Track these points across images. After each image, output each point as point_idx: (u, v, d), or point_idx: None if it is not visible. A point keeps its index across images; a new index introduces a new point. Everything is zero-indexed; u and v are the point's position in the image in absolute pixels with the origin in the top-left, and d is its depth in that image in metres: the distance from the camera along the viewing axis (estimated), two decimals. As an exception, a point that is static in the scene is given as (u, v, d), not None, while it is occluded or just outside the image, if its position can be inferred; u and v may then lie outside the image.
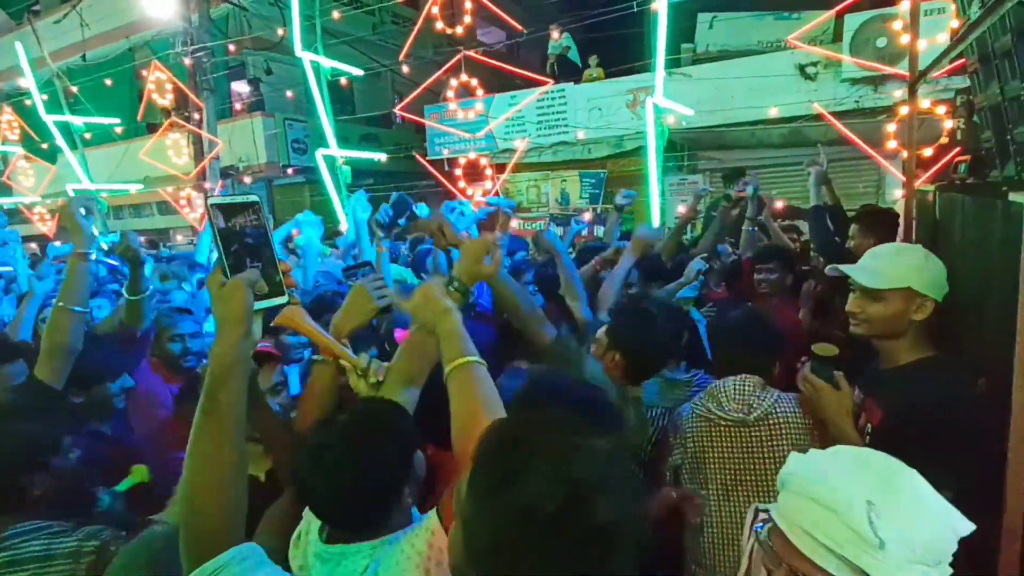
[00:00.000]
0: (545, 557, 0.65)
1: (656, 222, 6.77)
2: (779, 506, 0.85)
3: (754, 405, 1.64)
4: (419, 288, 1.21)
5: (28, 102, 10.08)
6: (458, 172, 8.19)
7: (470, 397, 1.05)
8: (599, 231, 6.47)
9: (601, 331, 1.81)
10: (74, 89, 10.53)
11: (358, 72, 8.28)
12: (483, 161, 8.35)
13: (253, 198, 0.96)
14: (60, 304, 1.83)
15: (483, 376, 1.09)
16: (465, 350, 1.12)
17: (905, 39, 3.10)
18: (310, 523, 1.13)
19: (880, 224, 2.55)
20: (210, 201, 0.92)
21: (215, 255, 0.92)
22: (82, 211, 1.84)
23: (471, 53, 7.58)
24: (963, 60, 3.37)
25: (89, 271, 1.88)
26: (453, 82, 7.89)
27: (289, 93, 10.16)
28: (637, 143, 8.47)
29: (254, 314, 0.90)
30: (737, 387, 1.69)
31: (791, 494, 0.84)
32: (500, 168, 8.54)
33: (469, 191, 8.13)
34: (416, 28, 7.39)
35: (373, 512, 1.06)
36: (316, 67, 7.63)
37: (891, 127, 5.54)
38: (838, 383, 1.48)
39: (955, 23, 4.12)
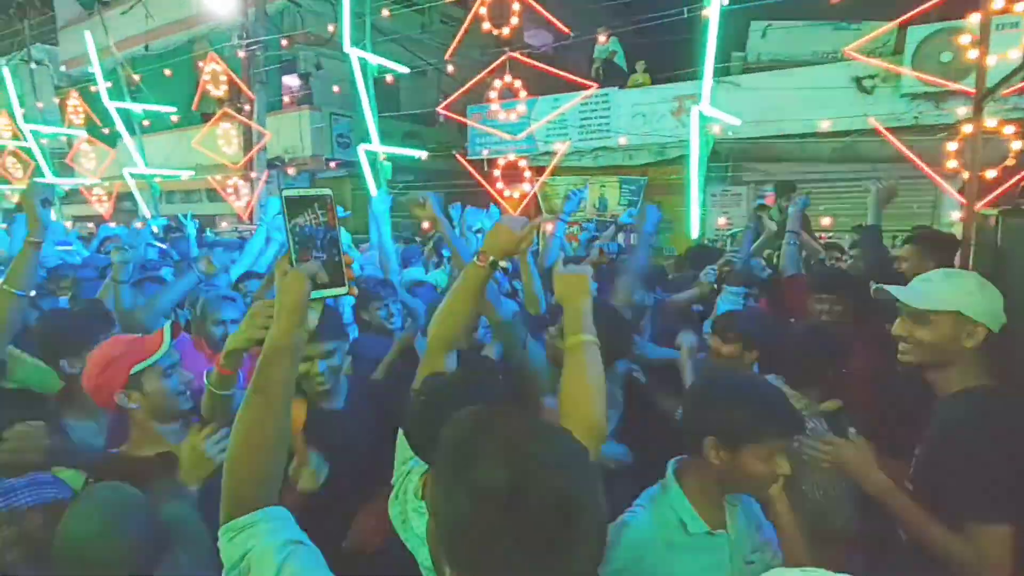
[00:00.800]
0: (505, 534, 0.67)
1: (695, 233, 6.62)
2: None
3: None
4: (569, 271, 1.36)
5: (93, 88, 10.59)
6: (496, 173, 8.17)
7: (580, 374, 1.21)
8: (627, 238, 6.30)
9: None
10: (136, 77, 11.02)
11: (404, 70, 8.38)
12: (522, 163, 8.31)
13: (326, 192, 1.00)
14: (4, 287, 1.82)
15: (595, 357, 1.24)
16: (585, 328, 1.25)
17: (972, 54, 2.92)
18: (406, 485, 1.27)
19: (940, 248, 2.40)
20: (284, 193, 0.96)
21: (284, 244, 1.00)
22: (41, 202, 1.85)
23: (516, 55, 7.56)
24: (1037, 78, 3.16)
25: (39, 259, 1.89)
26: (497, 83, 7.89)
27: (336, 88, 10.37)
28: (680, 151, 8.30)
29: (313, 303, 0.98)
30: None
31: None
32: (539, 171, 8.49)
33: (507, 192, 8.11)
34: (463, 28, 7.41)
35: None
36: (363, 63, 7.76)
37: (952, 146, 5.25)
38: (853, 440, 1.52)
39: (1030, 38, 3.88)
